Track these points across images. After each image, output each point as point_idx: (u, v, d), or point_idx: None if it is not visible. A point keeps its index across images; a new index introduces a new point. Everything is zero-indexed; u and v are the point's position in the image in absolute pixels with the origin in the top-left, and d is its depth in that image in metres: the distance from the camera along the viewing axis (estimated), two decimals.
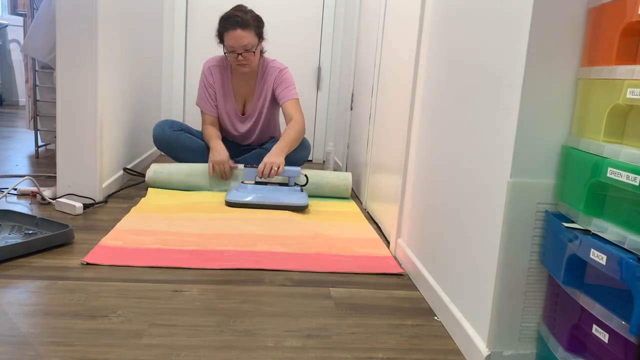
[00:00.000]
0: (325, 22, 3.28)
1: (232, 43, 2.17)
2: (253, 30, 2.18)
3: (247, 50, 2.19)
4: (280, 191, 2.06)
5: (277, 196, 2.04)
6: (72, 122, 1.88)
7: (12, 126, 3.97)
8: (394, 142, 1.72)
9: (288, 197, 2.03)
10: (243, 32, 2.15)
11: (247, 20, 2.16)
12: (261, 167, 2.06)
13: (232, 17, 2.16)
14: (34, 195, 1.96)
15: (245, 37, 2.16)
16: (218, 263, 1.41)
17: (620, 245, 0.73)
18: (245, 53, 2.19)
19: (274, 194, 2.04)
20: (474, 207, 1.05)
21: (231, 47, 2.19)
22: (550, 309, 0.91)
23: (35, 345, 0.96)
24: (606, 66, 0.79)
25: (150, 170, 2.20)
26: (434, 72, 1.36)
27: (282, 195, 2.05)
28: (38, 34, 2.50)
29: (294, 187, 2.11)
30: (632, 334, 0.67)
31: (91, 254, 1.41)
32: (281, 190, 2.07)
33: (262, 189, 2.07)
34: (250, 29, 2.17)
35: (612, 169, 0.74)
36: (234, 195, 2.03)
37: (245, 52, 2.19)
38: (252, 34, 2.18)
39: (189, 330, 1.06)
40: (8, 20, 5.37)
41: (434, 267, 1.27)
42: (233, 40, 2.17)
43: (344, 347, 1.03)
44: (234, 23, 2.15)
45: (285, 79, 2.32)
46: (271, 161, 2.06)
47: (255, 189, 2.07)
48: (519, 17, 0.90)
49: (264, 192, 2.05)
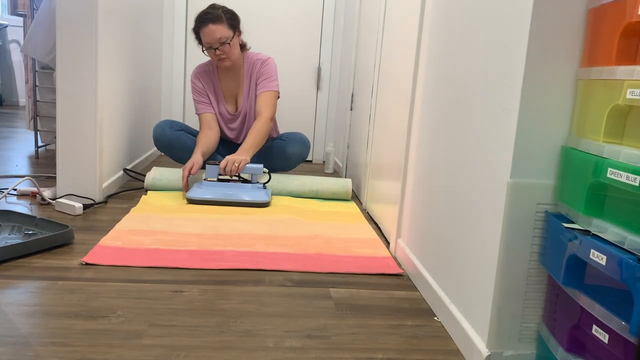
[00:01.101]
0: (325, 22, 3.28)
1: (208, 39, 2.20)
2: (225, 23, 2.20)
3: (223, 43, 2.20)
4: (242, 188, 2.07)
5: (238, 193, 2.04)
6: (72, 122, 1.88)
7: (12, 126, 3.97)
8: (394, 142, 1.72)
9: (249, 194, 2.04)
10: (215, 26, 2.17)
11: (218, 15, 2.19)
12: (223, 163, 2.06)
13: (203, 15, 2.20)
14: (34, 196, 1.96)
15: (217, 30, 2.18)
16: (217, 263, 1.41)
17: (620, 246, 0.73)
18: (222, 46, 2.21)
19: (235, 191, 2.05)
20: (474, 207, 1.05)
21: (208, 43, 2.21)
22: (550, 310, 0.91)
23: (35, 345, 0.96)
24: (606, 66, 0.79)
25: (149, 176, 2.19)
26: (433, 73, 1.36)
27: (244, 192, 2.05)
28: (38, 34, 2.50)
29: (257, 184, 2.12)
30: (632, 334, 0.67)
31: (90, 254, 1.41)
32: (243, 187, 2.08)
33: (223, 185, 2.08)
34: (221, 22, 2.19)
35: (612, 170, 0.74)
36: (195, 192, 2.03)
37: (221, 46, 2.20)
38: (224, 27, 2.20)
39: (189, 330, 1.06)
40: (8, 20, 5.37)
41: (434, 268, 1.27)
42: (208, 37, 2.19)
43: (344, 348, 1.03)
44: (205, 20, 2.18)
45: (266, 70, 2.33)
46: (233, 158, 2.07)
47: (217, 185, 2.07)
48: (519, 18, 0.90)
49: (225, 189, 2.05)
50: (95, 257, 1.39)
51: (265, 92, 2.29)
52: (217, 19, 2.18)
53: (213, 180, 2.10)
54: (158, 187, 2.20)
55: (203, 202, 2.02)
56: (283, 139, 2.39)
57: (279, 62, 3.26)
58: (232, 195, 2.04)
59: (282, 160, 2.36)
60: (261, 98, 2.28)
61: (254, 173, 2.12)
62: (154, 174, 2.21)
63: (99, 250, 1.45)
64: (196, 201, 2.02)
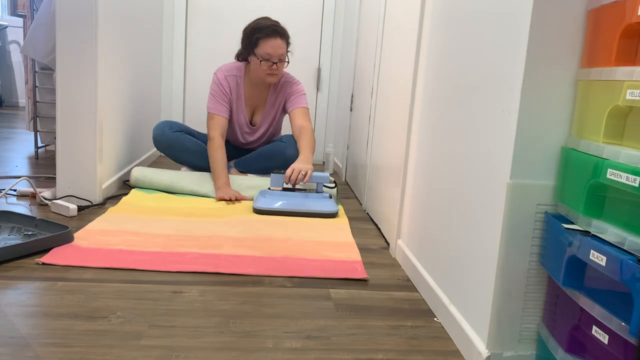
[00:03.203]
0: (325, 23, 3.28)
1: (271, 51, 2.19)
2: (286, 42, 2.24)
3: (281, 60, 2.23)
4: (309, 198, 2.02)
5: (306, 203, 2.00)
6: (71, 123, 1.88)
7: (12, 127, 3.97)
8: (394, 143, 1.72)
9: (317, 204, 1.99)
10: (282, 42, 2.20)
11: (285, 32, 2.23)
12: (289, 172, 2.01)
13: (272, 26, 2.20)
14: (34, 197, 1.96)
15: (283, 47, 2.21)
16: (176, 266, 1.39)
17: (620, 247, 0.73)
18: (279, 63, 2.22)
19: (303, 201, 2.00)
20: (474, 208, 1.05)
21: (268, 54, 2.20)
22: (550, 310, 0.91)
23: (35, 346, 0.96)
24: (606, 67, 0.79)
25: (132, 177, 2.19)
26: (433, 73, 1.36)
27: (311, 202, 2.00)
28: (38, 35, 2.50)
29: (323, 193, 2.07)
30: (632, 335, 0.67)
31: (49, 254, 1.39)
32: (309, 197, 2.03)
33: (290, 195, 2.02)
34: (286, 39, 2.23)
35: (612, 170, 0.74)
36: (261, 202, 1.98)
37: (279, 62, 2.22)
38: (286, 45, 2.24)
39: (189, 331, 1.06)
40: (8, 21, 5.37)
41: (434, 268, 1.27)
42: (272, 49, 2.19)
43: (344, 349, 1.03)
44: (274, 32, 2.18)
45: (296, 89, 2.37)
46: (299, 167, 2.03)
47: (283, 195, 2.02)
48: (518, 19, 0.90)
49: (292, 199, 2.00)
50: (54, 257, 1.38)
51: (300, 108, 2.32)
52: (284, 36, 2.22)
53: (277, 190, 2.06)
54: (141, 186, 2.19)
55: (270, 212, 1.97)
56: (283, 141, 2.39)
57: None
58: (300, 205, 1.99)
59: (281, 162, 2.36)
60: (299, 113, 2.31)
61: (321, 182, 2.08)
62: (137, 175, 2.19)
63: (60, 249, 1.43)
64: (263, 211, 1.96)
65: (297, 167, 2.03)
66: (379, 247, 1.70)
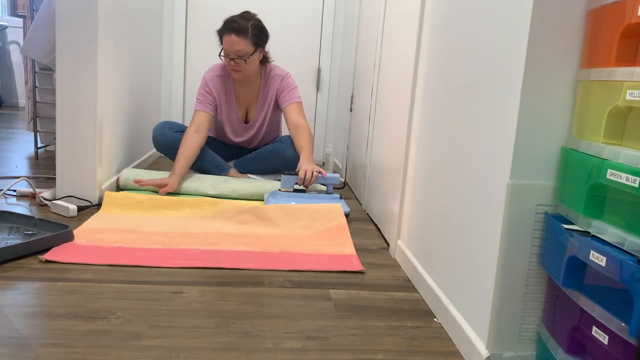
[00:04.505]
0: (325, 23, 3.28)
1: (226, 47, 2.18)
2: (249, 39, 2.16)
3: (239, 57, 2.18)
4: (320, 199, 2.02)
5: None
6: (71, 123, 1.88)
7: (12, 127, 3.97)
8: (394, 143, 1.72)
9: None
10: (237, 39, 2.14)
11: (244, 28, 2.15)
12: (302, 174, 2.00)
13: (231, 21, 2.17)
14: (34, 197, 1.96)
15: (238, 43, 2.15)
16: (179, 262, 1.40)
17: (619, 247, 0.73)
18: (238, 59, 2.18)
19: (314, 202, 1.98)
20: (474, 208, 1.05)
21: (225, 50, 2.20)
22: (550, 311, 0.91)
23: (34, 346, 0.96)
24: (606, 68, 0.79)
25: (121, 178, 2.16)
26: (433, 74, 1.36)
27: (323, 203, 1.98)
28: (38, 35, 2.50)
29: (333, 194, 2.06)
30: (632, 335, 0.67)
31: (52, 252, 1.40)
32: (320, 197, 2.02)
33: (301, 196, 2.01)
34: (245, 36, 2.15)
35: (612, 171, 0.74)
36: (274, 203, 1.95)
37: (237, 59, 2.18)
38: (246, 42, 2.16)
39: (189, 331, 1.06)
40: (8, 21, 5.37)
41: (434, 269, 1.27)
42: (226, 45, 2.17)
43: (344, 349, 1.03)
44: (230, 28, 2.15)
45: (287, 84, 2.33)
46: (311, 167, 2.02)
47: (295, 197, 2.01)
48: (518, 19, 0.90)
49: (304, 200, 1.99)
50: (57, 254, 1.39)
51: (293, 104, 2.29)
52: (241, 32, 2.14)
53: (288, 191, 2.04)
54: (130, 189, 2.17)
55: None
56: (282, 141, 2.38)
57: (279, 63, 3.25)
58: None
59: (280, 163, 2.36)
60: (292, 110, 2.28)
61: (332, 183, 2.08)
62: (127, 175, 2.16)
63: (61, 247, 1.44)
64: None
65: (310, 168, 2.02)
66: (379, 247, 1.70)
